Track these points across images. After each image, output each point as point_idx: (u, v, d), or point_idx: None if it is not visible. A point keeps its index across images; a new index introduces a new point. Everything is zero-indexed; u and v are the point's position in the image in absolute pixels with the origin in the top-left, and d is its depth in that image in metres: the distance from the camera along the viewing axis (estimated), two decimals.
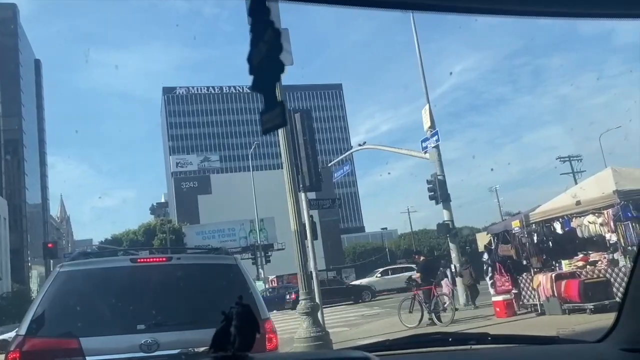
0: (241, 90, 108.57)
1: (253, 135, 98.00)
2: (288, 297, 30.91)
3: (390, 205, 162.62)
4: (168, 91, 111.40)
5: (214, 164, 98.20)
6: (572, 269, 12.73)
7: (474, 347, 1.51)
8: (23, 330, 4.09)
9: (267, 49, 0.81)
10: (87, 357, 4.03)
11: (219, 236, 52.34)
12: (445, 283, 17.85)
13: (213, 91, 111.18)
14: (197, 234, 53.99)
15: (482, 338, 1.50)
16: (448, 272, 18.71)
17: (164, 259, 5.28)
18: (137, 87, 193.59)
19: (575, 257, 12.98)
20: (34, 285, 57.21)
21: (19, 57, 76.77)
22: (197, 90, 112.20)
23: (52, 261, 28.94)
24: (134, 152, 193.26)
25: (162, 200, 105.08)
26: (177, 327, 4.29)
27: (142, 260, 5.16)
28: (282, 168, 11.73)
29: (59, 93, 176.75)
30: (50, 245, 28.59)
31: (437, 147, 19.94)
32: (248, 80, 0.86)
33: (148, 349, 4.15)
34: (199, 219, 66.92)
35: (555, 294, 12.29)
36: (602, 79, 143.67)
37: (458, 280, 18.26)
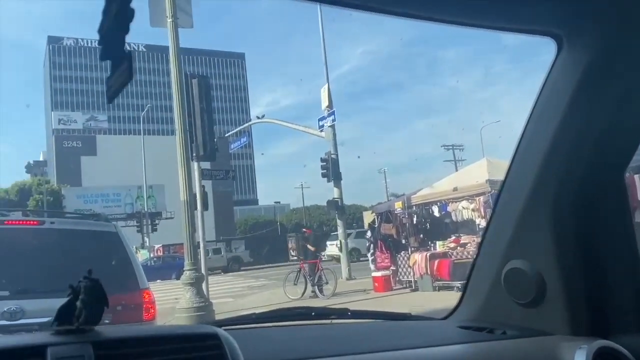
0: (136, 48, 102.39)
1: (146, 97, 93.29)
2: None
3: (284, 180, 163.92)
4: (54, 41, 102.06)
5: (102, 124, 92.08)
6: (445, 249, 13.77)
7: (334, 321, 1.61)
8: None
9: (117, 6, 0.77)
10: None
11: (102, 201, 49.57)
12: None
13: None
14: (78, 197, 50.70)
15: (342, 313, 1.61)
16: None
17: (35, 222, 5.00)
18: (15, 31, 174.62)
19: (449, 239, 14.02)
20: None
21: None
22: (87, 43, 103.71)
23: None
24: (8, 103, 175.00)
25: (41, 159, 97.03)
26: (45, 295, 4.08)
27: (10, 222, 4.83)
28: (175, 134, 11.36)
29: None
30: None
31: (332, 126, 20.39)
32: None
33: (11, 317, 3.94)
34: (81, 181, 62.88)
35: (429, 272, 13.25)
36: (488, 76, 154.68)
37: (342, 254, 19.05)
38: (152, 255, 38.58)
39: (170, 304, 11.43)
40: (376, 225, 16.02)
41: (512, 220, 1.42)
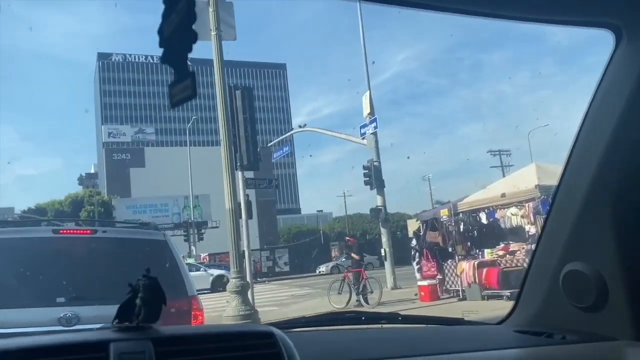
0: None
1: (191, 109, 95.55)
2: None
3: (327, 189, 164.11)
4: (103, 57, 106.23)
5: (149, 136, 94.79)
6: (494, 257, 13.42)
7: (385, 326, 1.58)
8: None
9: (179, 20, 0.80)
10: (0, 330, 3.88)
11: (150, 211, 51.00)
12: None
13: (151, 60, 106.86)
14: (127, 207, 52.34)
15: (392, 318, 1.58)
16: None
17: (88, 231, 5.13)
18: (69, 49, 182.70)
19: (497, 247, 13.67)
20: None
21: None
22: (135, 59, 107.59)
23: None
24: (62, 118, 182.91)
25: (92, 171, 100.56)
26: (99, 301, 4.19)
27: (65, 231, 4.99)
28: (220, 145, 11.57)
29: None
30: None
31: (374, 133, 20.29)
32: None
33: (67, 323, 4.04)
34: (130, 192, 64.78)
35: (477, 281, 12.94)
36: (535, 78, 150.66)
37: (387, 263, 18.86)
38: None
39: (217, 312, 11.59)
40: (421, 233, 15.81)
41: (570, 221, 1.37)
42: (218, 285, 27.65)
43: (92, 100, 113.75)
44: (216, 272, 30.29)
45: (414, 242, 16.69)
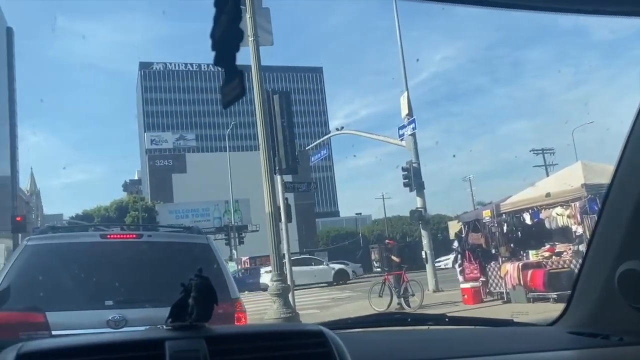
0: (220, 69, 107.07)
1: (230, 115, 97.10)
2: None
3: (365, 191, 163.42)
4: (145, 66, 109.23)
5: (190, 142, 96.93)
6: (539, 259, 13.05)
7: (431, 327, 1.56)
8: None
9: (228, 19, 0.81)
10: (53, 332, 4.01)
11: (192, 216, 52.04)
12: None
13: (191, 68, 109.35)
14: (170, 212, 53.54)
15: (439, 319, 1.56)
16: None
17: (134, 235, 5.23)
18: (112, 59, 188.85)
19: (542, 248, 13.28)
20: (0, 258, 56.03)
21: None
22: (175, 67, 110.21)
23: (20, 235, 28.31)
24: (107, 127, 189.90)
25: (136, 177, 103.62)
26: (146, 304, 4.27)
27: (112, 236, 5.10)
28: (259, 150, 11.69)
29: (30, 63, 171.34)
30: (18, 218, 27.86)
31: (413, 134, 20.09)
32: None
33: (115, 325, 4.14)
34: (172, 197, 66.32)
35: (521, 283, 12.61)
36: (578, 74, 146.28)
37: (427, 266, 18.62)
38: (239, 267, 39.78)
39: (258, 315, 11.69)
40: (463, 235, 15.55)
41: (625, 219, 1.31)
42: (339, 278, 28.52)
43: (134, 108, 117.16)
44: (337, 266, 31.96)
45: (455, 244, 16.43)
